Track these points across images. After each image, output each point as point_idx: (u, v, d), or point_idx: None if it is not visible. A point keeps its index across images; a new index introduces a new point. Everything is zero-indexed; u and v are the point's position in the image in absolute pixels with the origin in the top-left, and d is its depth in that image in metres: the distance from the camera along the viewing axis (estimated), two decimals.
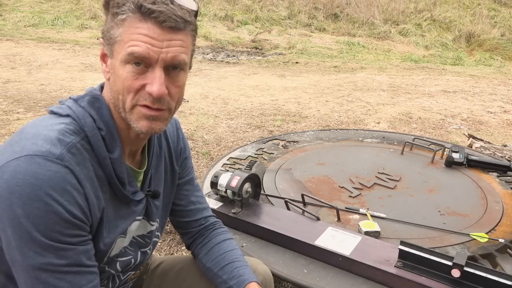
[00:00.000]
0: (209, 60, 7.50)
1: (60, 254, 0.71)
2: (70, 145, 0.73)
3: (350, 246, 1.23)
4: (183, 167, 1.06)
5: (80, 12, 9.37)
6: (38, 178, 0.68)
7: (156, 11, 0.72)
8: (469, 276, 1.05)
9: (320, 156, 2.08)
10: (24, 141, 0.71)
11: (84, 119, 0.77)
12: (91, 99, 0.80)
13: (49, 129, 0.73)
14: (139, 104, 0.76)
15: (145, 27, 0.72)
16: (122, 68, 0.74)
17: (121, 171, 0.81)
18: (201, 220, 1.09)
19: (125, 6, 0.73)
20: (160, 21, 0.72)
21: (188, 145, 1.08)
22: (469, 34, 9.53)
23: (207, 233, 1.09)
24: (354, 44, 9.34)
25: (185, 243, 1.13)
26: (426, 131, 4.07)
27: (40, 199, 0.67)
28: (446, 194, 1.72)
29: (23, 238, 0.68)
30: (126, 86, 0.75)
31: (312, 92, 5.43)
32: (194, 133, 3.68)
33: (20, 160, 0.68)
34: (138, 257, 0.93)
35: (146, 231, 0.95)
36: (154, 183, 0.94)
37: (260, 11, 10.48)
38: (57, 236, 0.70)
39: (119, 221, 0.84)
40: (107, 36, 0.76)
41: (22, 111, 3.98)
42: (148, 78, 0.75)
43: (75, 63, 6.30)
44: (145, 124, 0.78)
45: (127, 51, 0.73)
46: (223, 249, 1.05)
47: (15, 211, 0.67)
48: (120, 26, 0.73)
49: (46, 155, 0.69)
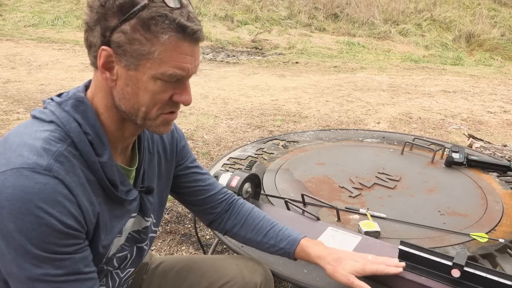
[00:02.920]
0: (209, 60, 7.50)
1: (57, 265, 0.70)
2: (57, 154, 0.70)
3: (350, 246, 1.23)
4: (183, 154, 1.06)
5: (80, 12, 9.37)
6: (27, 192, 0.66)
7: (197, 31, 0.73)
8: (469, 276, 1.05)
9: (320, 156, 2.08)
10: (9, 152, 0.69)
11: (69, 125, 0.74)
12: (75, 103, 0.76)
13: (33, 138, 0.71)
14: (165, 112, 0.78)
15: (186, 46, 0.73)
16: (151, 83, 0.74)
17: (112, 174, 0.79)
18: (218, 195, 1.10)
19: (164, 24, 0.70)
20: (197, 38, 0.74)
21: (182, 134, 1.08)
22: (469, 34, 9.53)
23: (231, 208, 1.11)
24: (354, 44, 9.33)
25: (205, 219, 1.13)
26: (426, 131, 4.07)
27: (31, 213, 0.66)
28: (446, 194, 1.72)
29: (18, 251, 0.67)
30: (155, 100, 0.76)
31: (312, 92, 5.43)
32: (194, 133, 3.68)
33: (7, 174, 0.67)
34: (134, 252, 0.93)
35: (141, 227, 0.94)
36: (148, 178, 0.93)
37: (260, 11, 10.48)
38: (52, 248, 0.69)
39: (115, 222, 0.84)
40: (127, 48, 0.71)
41: (22, 111, 3.98)
42: (177, 88, 0.77)
43: (75, 63, 6.30)
44: (166, 129, 0.82)
45: (169, 72, 0.73)
46: (257, 217, 1.10)
47: (7, 225, 0.66)
48: (157, 44, 0.71)
49: (33, 167, 0.67)
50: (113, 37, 0.71)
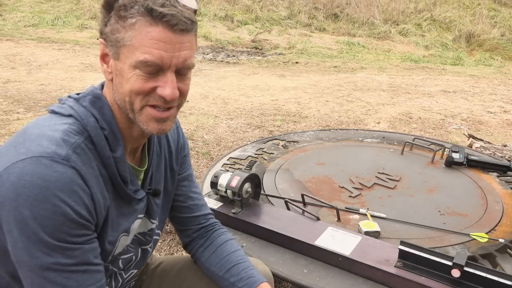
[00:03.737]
0: (209, 60, 7.50)
1: (68, 254, 0.71)
2: (75, 146, 0.73)
3: (350, 246, 1.23)
4: (182, 164, 1.06)
5: (80, 12, 9.37)
6: (45, 179, 0.67)
7: (168, 14, 0.70)
8: (469, 276, 1.05)
9: (320, 156, 2.08)
10: (28, 142, 0.71)
11: (86, 119, 0.77)
12: (93, 99, 0.79)
13: (52, 130, 0.73)
14: (149, 104, 0.77)
15: (157, 31, 0.71)
16: (131, 72, 0.74)
17: (123, 170, 0.81)
18: (200, 219, 1.08)
19: (133, 9, 0.71)
20: (172, 24, 0.71)
21: (187, 143, 1.08)
22: (469, 34, 9.52)
23: (208, 235, 1.08)
24: (354, 44, 9.33)
25: (182, 241, 1.11)
26: (426, 131, 4.07)
27: (48, 201, 0.67)
28: (446, 194, 1.72)
29: (31, 239, 0.68)
30: (136, 89, 0.74)
31: (312, 92, 5.43)
32: (194, 133, 3.68)
33: (26, 162, 0.68)
34: (138, 254, 0.94)
35: (147, 229, 0.95)
36: (155, 181, 0.94)
37: (260, 11, 10.47)
38: (65, 237, 0.70)
39: (121, 219, 0.85)
40: (111, 38, 0.75)
41: (22, 111, 3.98)
42: (160, 81, 0.75)
43: (75, 63, 6.30)
44: (155, 126, 0.78)
45: (140, 58, 0.72)
46: (226, 250, 1.04)
47: (22, 212, 0.67)
48: (129, 29, 0.72)
49: (53, 156, 0.69)
50: (105, 30, 0.76)
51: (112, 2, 0.74)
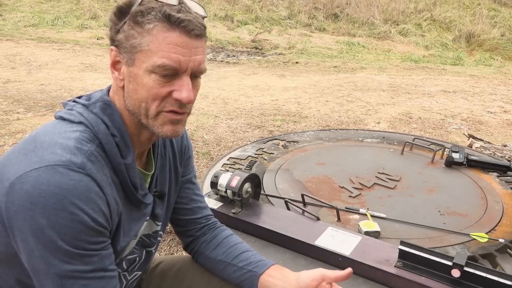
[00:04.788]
0: (209, 60, 7.50)
1: (86, 261, 0.71)
2: (89, 153, 0.73)
3: (350, 246, 1.23)
4: (186, 166, 1.06)
5: (80, 12, 9.37)
6: (62, 188, 0.67)
7: (185, 20, 0.73)
8: (469, 276, 1.05)
9: (320, 156, 2.08)
10: (40, 150, 0.70)
11: (97, 126, 0.77)
12: (103, 105, 0.79)
13: (64, 137, 0.73)
14: (165, 110, 0.78)
15: (174, 36, 0.73)
16: (147, 77, 0.74)
17: (134, 176, 0.82)
18: (202, 219, 1.09)
19: (150, 15, 0.73)
20: (188, 29, 0.74)
21: (191, 145, 1.08)
22: (469, 34, 9.52)
23: (210, 232, 1.09)
24: (354, 44, 9.33)
25: (183, 241, 1.12)
26: (426, 131, 4.07)
27: (65, 209, 0.67)
28: (446, 194, 1.72)
29: (48, 247, 0.68)
30: (152, 94, 0.75)
31: (312, 92, 5.43)
32: (194, 133, 3.68)
33: (41, 171, 0.68)
34: (142, 256, 0.95)
35: (151, 231, 0.95)
36: (160, 183, 0.94)
37: (260, 11, 10.47)
38: (83, 244, 0.70)
39: (132, 224, 0.85)
40: (125, 44, 0.75)
41: (22, 111, 3.98)
42: (175, 85, 0.76)
43: (75, 63, 6.30)
44: (170, 129, 0.80)
45: (158, 63, 0.73)
46: (232, 242, 1.06)
47: (38, 221, 0.67)
48: (146, 35, 0.73)
49: (68, 164, 0.69)
50: (117, 37, 0.76)
51: (125, 10, 0.75)
